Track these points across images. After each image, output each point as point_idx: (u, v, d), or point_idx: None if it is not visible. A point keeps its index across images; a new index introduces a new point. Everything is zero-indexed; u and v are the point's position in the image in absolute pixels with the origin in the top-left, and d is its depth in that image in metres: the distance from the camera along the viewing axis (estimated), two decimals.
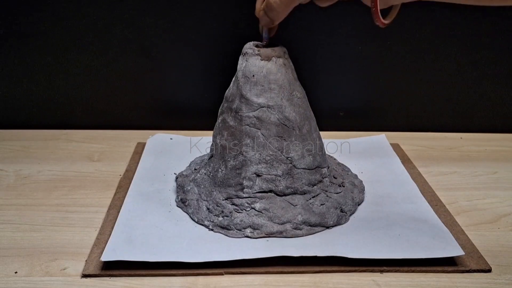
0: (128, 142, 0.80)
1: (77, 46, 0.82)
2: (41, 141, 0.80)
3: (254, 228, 0.54)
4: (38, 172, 0.70)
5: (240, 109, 0.57)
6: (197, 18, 0.80)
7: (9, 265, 0.50)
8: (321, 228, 0.56)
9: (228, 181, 0.57)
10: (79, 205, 0.61)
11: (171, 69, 0.84)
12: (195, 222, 0.57)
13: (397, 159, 0.74)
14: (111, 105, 0.86)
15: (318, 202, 0.57)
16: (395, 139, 0.82)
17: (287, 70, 0.57)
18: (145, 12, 0.80)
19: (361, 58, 0.84)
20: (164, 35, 0.81)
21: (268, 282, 0.48)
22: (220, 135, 0.59)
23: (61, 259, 0.51)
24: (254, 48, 0.57)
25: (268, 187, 0.56)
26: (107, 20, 0.80)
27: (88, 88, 0.85)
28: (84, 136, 0.83)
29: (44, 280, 0.48)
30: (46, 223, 0.57)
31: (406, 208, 0.60)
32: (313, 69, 0.84)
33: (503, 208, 0.63)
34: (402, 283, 0.49)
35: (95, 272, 0.49)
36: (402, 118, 0.88)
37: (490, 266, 0.51)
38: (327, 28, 0.82)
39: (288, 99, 0.57)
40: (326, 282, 0.49)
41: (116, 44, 0.82)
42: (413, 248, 0.52)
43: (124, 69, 0.84)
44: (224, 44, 0.82)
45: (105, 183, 0.67)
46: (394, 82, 0.86)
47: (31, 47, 0.81)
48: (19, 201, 0.62)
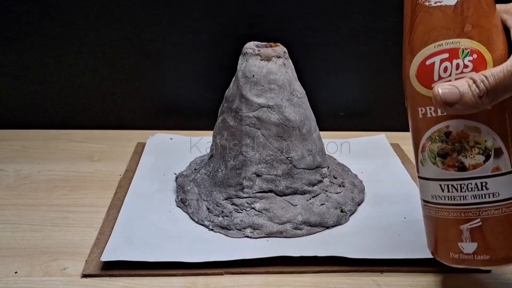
0: (128, 142, 0.80)
1: (77, 46, 0.82)
2: (41, 141, 0.80)
3: (254, 228, 0.54)
4: (38, 172, 0.70)
5: (240, 109, 0.57)
6: (197, 18, 0.80)
7: (9, 265, 0.50)
8: (321, 228, 0.56)
9: (228, 181, 0.57)
10: (79, 205, 0.61)
11: (171, 69, 0.84)
12: (195, 222, 0.57)
13: (397, 159, 0.74)
14: (111, 105, 0.86)
15: (318, 202, 0.57)
16: (395, 139, 0.82)
17: (287, 70, 0.57)
18: (145, 12, 0.80)
19: (361, 58, 0.84)
20: (164, 35, 0.81)
21: (268, 282, 0.48)
22: (220, 135, 0.59)
23: (61, 259, 0.51)
24: (254, 48, 0.57)
25: (268, 187, 0.56)
26: (107, 20, 0.80)
27: (88, 88, 0.85)
28: (84, 136, 0.83)
29: (44, 280, 0.48)
30: (46, 223, 0.57)
31: (406, 208, 0.60)
32: (313, 69, 0.84)
33: None
34: (402, 283, 0.49)
35: (95, 272, 0.48)
36: (402, 118, 0.88)
37: None
38: (327, 28, 0.82)
39: (288, 99, 0.57)
40: (326, 282, 0.49)
41: (116, 44, 0.82)
42: (413, 248, 0.51)
43: (124, 69, 0.84)
44: (224, 44, 0.82)
45: (105, 183, 0.67)
46: (394, 82, 0.85)
47: (31, 47, 0.81)
48: (19, 201, 0.62)
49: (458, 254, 0.40)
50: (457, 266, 0.41)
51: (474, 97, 0.36)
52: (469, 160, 0.39)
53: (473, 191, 0.39)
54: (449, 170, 0.40)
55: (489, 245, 0.39)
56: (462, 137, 0.39)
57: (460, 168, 0.39)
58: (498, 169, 0.39)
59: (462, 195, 0.39)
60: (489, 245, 0.39)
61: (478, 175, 0.39)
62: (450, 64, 0.38)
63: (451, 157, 0.39)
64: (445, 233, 0.41)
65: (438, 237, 0.42)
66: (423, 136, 0.41)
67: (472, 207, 0.39)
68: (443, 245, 0.41)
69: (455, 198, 0.40)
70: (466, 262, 0.40)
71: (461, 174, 0.39)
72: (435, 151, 0.40)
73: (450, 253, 0.41)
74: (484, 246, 0.39)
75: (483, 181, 0.39)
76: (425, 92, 0.39)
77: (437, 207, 0.41)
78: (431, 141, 0.40)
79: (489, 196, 0.39)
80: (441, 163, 0.40)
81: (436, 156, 0.40)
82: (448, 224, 0.40)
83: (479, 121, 0.38)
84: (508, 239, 0.39)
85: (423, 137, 0.40)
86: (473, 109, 0.37)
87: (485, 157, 0.38)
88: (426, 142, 0.40)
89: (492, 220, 0.39)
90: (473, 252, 0.40)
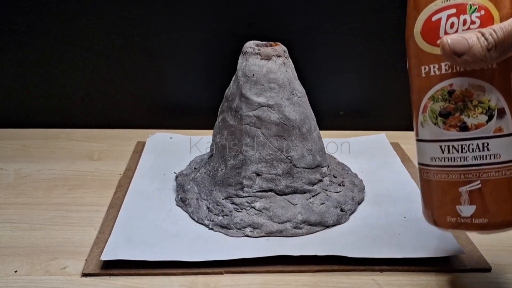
0: (128, 141, 0.80)
1: (77, 46, 0.82)
2: (41, 140, 0.80)
3: (254, 227, 0.54)
4: (38, 171, 0.70)
5: (240, 108, 0.57)
6: (197, 18, 0.80)
7: (9, 264, 0.50)
8: (321, 227, 0.56)
9: (228, 180, 0.57)
10: (79, 204, 0.61)
11: (171, 68, 0.84)
12: (195, 221, 0.57)
13: (397, 158, 0.74)
14: (111, 105, 0.86)
15: (318, 201, 0.57)
16: (395, 139, 0.82)
17: (287, 69, 0.57)
18: (145, 12, 0.80)
19: (361, 58, 0.84)
20: (164, 35, 0.81)
21: (268, 282, 0.48)
22: (220, 134, 0.59)
23: (61, 258, 0.51)
24: (254, 47, 0.57)
25: (268, 186, 0.56)
26: (107, 20, 0.80)
27: (88, 88, 0.85)
28: (84, 135, 0.83)
29: (44, 279, 0.48)
30: (46, 222, 0.57)
31: (406, 208, 0.60)
32: (313, 69, 0.84)
33: None
34: (402, 283, 0.49)
35: (95, 271, 0.49)
36: (402, 118, 0.88)
37: (490, 265, 0.50)
38: (327, 27, 0.82)
39: (288, 98, 0.57)
40: (326, 281, 0.49)
41: (116, 44, 0.82)
42: (413, 247, 0.52)
43: (124, 68, 0.84)
44: (224, 44, 0.82)
45: (105, 182, 0.67)
46: (394, 82, 0.85)
47: (30, 47, 0.81)
48: (19, 200, 0.62)
49: (456, 218, 0.39)
50: (453, 230, 0.40)
51: (483, 49, 0.36)
52: (471, 120, 0.38)
53: (474, 152, 0.38)
54: (450, 130, 0.39)
55: (487, 208, 0.38)
56: (466, 95, 0.38)
57: (462, 128, 0.39)
58: (500, 130, 0.38)
59: (462, 156, 0.39)
60: (488, 208, 0.38)
61: (480, 136, 0.38)
62: (457, 19, 0.38)
63: (454, 116, 0.39)
64: (443, 196, 0.40)
65: (435, 201, 0.41)
66: (425, 95, 0.40)
67: (473, 169, 0.38)
68: (440, 208, 0.41)
69: (455, 160, 0.39)
70: (463, 226, 0.39)
71: (462, 134, 0.39)
72: (436, 111, 0.39)
73: (447, 217, 0.40)
74: (482, 209, 0.38)
75: (484, 141, 0.38)
76: (429, 49, 0.39)
77: (436, 169, 0.40)
78: (433, 100, 0.39)
79: (490, 158, 0.38)
80: (443, 123, 0.39)
81: (438, 116, 0.39)
82: (447, 187, 0.40)
83: (484, 80, 0.38)
84: (507, 202, 0.38)
85: (425, 96, 0.40)
86: (480, 62, 0.36)
87: (488, 117, 0.38)
88: (428, 102, 0.40)
89: (492, 182, 0.38)
90: (471, 215, 0.39)
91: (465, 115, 0.38)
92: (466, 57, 0.36)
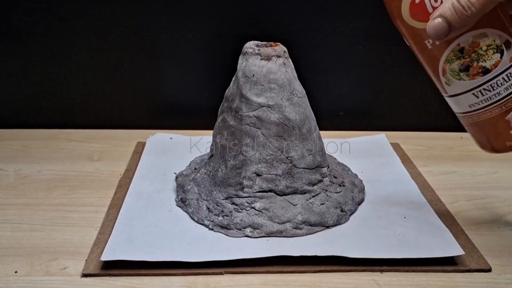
0: (128, 142, 0.80)
1: (77, 46, 0.82)
2: (41, 141, 0.80)
3: (254, 228, 0.54)
4: (38, 172, 0.70)
5: (240, 109, 0.57)
6: (197, 18, 0.80)
7: (9, 264, 0.50)
8: (321, 227, 0.56)
9: (228, 180, 0.57)
10: (79, 205, 0.61)
11: (171, 68, 0.84)
12: (195, 221, 0.57)
13: (397, 159, 0.74)
14: (111, 105, 0.86)
15: (318, 202, 0.57)
16: (395, 139, 0.82)
17: (287, 70, 0.57)
18: (145, 12, 0.80)
19: (361, 58, 0.84)
20: (164, 35, 0.81)
21: (268, 282, 0.48)
22: (220, 134, 0.59)
23: (61, 258, 0.51)
24: (254, 48, 0.57)
25: (268, 186, 0.56)
26: (107, 20, 0.80)
27: (88, 88, 0.85)
28: (84, 135, 0.83)
29: (44, 279, 0.48)
30: (46, 223, 0.57)
31: (406, 208, 0.60)
32: (313, 69, 0.84)
33: (503, 208, 0.63)
34: (402, 283, 0.49)
35: (95, 271, 0.49)
36: (402, 118, 0.88)
37: (490, 265, 0.50)
38: (327, 28, 0.82)
39: (288, 99, 0.57)
40: (326, 281, 0.49)
41: (116, 44, 0.82)
42: (413, 248, 0.52)
43: (124, 68, 0.84)
44: (224, 44, 0.82)
45: (105, 182, 0.67)
46: (394, 82, 0.86)
47: (31, 47, 0.81)
48: (19, 200, 0.62)
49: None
50: None
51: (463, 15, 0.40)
52: (488, 62, 0.44)
53: (503, 85, 0.44)
54: (475, 78, 0.44)
55: None
56: (474, 46, 0.43)
57: (484, 72, 0.44)
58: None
59: (496, 93, 0.44)
60: None
61: (502, 70, 0.44)
62: None
63: (473, 67, 0.44)
64: (495, 129, 0.46)
65: (490, 134, 0.47)
66: (439, 61, 0.45)
67: (508, 98, 0.44)
68: (497, 139, 0.47)
69: (491, 98, 0.45)
70: None
71: (487, 76, 0.44)
72: (456, 69, 0.45)
73: (507, 142, 0.46)
74: None
75: (507, 72, 0.44)
76: (425, 26, 0.43)
77: (479, 112, 0.46)
78: (449, 62, 0.44)
79: None
80: (466, 75, 0.44)
81: (459, 72, 0.44)
82: (494, 121, 0.46)
83: (482, 27, 0.42)
84: None
85: (440, 62, 0.45)
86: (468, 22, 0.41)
87: (500, 53, 0.43)
88: (444, 65, 0.45)
89: None
90: None
91: (481, 61, 0.44)
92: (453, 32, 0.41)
